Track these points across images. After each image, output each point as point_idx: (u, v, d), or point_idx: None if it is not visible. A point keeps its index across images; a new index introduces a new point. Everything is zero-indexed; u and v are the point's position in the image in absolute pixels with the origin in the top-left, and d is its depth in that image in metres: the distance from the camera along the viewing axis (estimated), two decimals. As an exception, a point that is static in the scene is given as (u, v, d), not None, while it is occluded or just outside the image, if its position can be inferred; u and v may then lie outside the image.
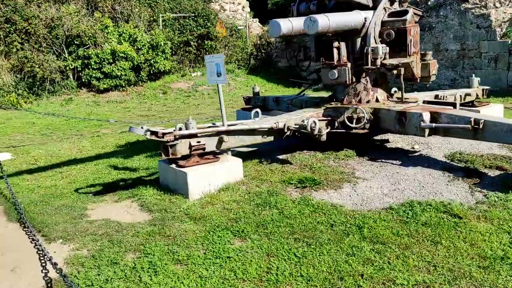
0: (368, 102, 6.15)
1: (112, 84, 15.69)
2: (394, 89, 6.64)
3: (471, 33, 11.99)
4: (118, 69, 15.51)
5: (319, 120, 5.74)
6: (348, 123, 5.81)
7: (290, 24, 5.36)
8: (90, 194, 5.32)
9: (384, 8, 5.98)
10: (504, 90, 11.72)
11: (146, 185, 5.26)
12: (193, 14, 18.23)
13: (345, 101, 6.21)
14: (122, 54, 15.54)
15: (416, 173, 5.16)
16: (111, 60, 15.53)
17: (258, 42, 19.84)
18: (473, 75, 8.25)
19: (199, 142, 5.05)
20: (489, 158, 5.52)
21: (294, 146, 6.38)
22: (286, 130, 5.53)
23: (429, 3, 13.37)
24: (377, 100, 6.20)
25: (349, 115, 5.82)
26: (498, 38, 11.92)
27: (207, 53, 18.56)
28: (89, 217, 4.56)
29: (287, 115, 5.95)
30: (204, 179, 4.89)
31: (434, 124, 5.24)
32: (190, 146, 4.98)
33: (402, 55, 5.85)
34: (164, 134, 4.79)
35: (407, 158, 5.78)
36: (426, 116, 5.33)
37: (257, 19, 22.88)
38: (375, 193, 4.68)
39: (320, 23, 5.08)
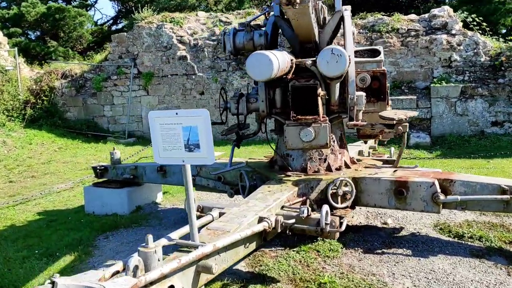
0: (338, 169, 4.49)
1: None
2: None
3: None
4: None
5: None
6: (333, 202, 4.03)
7: (277, 61, 3.29)
8: None
9: (346, 44, 4.51)
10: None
11: None
12: None
13: (310, 170, 4.38)
14: None
15: (455, 267, 3.74)
16: None
17: (35, 87, 15.74)
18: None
19: (172, 287, 2.43)
20: (485, 228, 4.59)
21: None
22: (279, 230, 3.35)
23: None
24: (346, 166, 4.61)
25: (334, 190, 4.05)
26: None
27: (-36, 100, 13.58)
28: None
29: (256, 201, 3.71)
30: None
31: (459, 197, 3.96)
32: (159, 302, 2.32)
33: (381, 105, 4.47)
34: (118, 293, 2.04)
35: (404, 241, 4.35)
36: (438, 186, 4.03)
37: (23, 59, 18.44)
38: (468, 320, 3.02)
39: (346, 60, 3.20)
